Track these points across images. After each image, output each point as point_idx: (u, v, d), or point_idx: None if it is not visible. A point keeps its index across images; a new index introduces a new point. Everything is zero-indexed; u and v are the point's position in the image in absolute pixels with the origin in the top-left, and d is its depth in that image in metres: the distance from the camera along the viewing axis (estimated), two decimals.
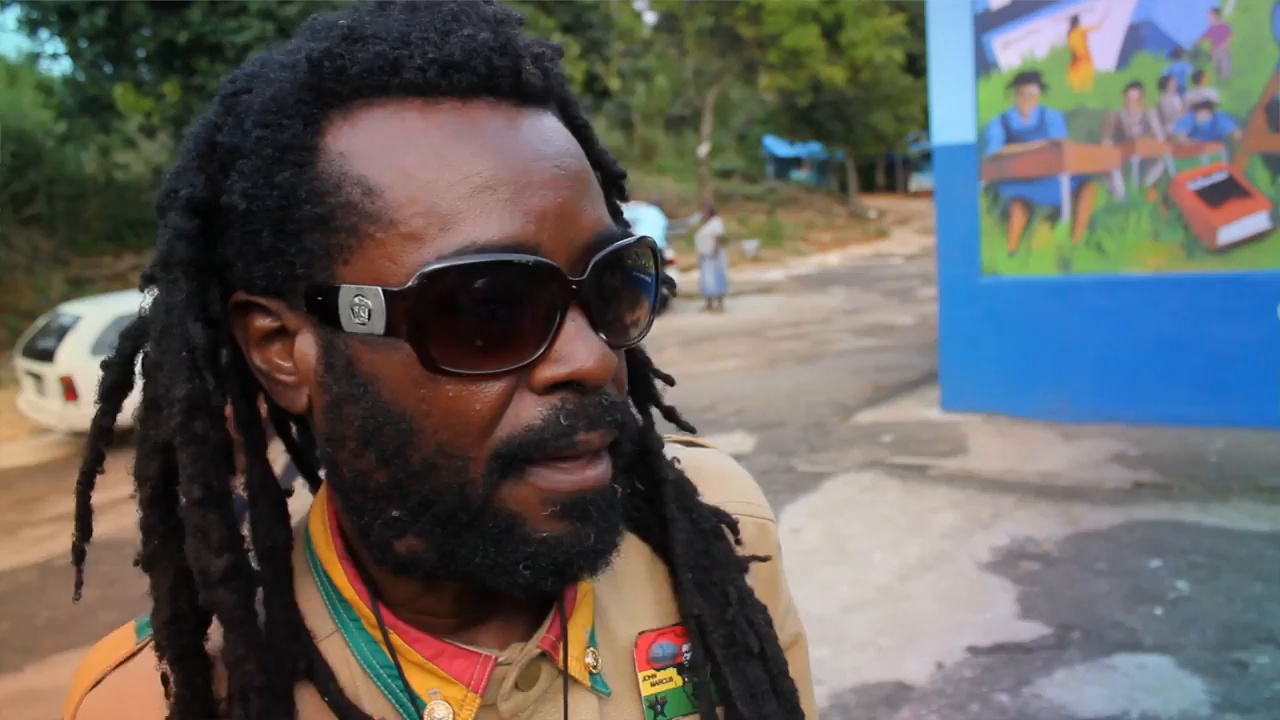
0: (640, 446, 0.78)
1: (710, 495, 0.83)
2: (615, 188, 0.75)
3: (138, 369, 0.68)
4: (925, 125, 8.67)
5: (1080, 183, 7.99)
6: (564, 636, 0.72)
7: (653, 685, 0.76)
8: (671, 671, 0.77)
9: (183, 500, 0.63)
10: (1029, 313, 8.18)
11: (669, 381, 0.83)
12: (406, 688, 0.68)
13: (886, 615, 5.02)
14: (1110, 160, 7.86)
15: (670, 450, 0.83)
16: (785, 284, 23.81)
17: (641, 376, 0.82)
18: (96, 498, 0.73)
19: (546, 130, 0.63)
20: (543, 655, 0.71)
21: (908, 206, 44.41)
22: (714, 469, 0.87)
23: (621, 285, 0.64)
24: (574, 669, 0.73)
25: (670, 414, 0.82)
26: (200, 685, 0.66)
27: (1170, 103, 7.58)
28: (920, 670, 4.46)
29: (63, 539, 7.97)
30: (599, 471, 0.62)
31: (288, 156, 0.61)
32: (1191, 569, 5.19)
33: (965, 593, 5.18)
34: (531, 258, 0.58)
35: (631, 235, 0.65)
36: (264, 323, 0.65)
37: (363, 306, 0.59)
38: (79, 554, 0.70)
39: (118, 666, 0.71)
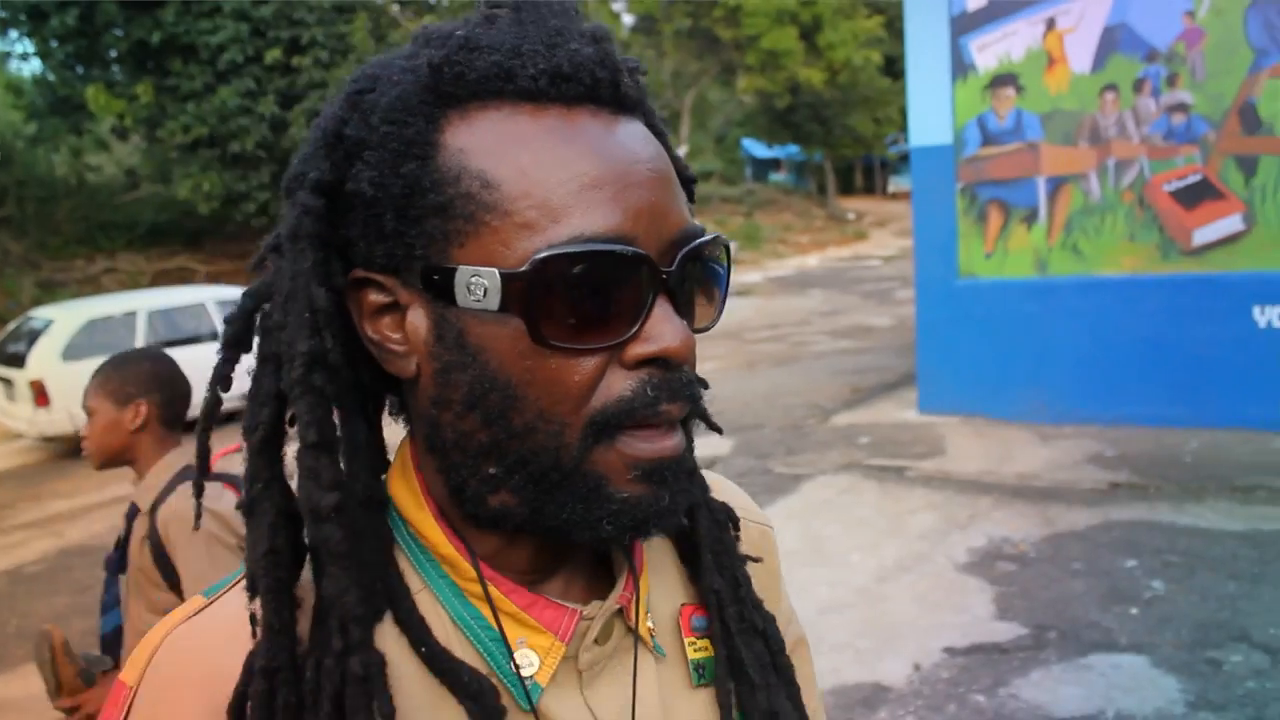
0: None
1: (723, 498, 0.93)
2: (687, 191, 0.80)
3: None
4: (903, 127, 8.72)
5: (1056, 184, 8.03)
6: (637, 597, 0.80)
7: (695, 651, 0.85)
8: (706, 641, 0.85)
9: (298, 444, 0.69)
10: (1006, 314, 8.21)
11: (703, 384, 0.87)
12: (501, 636, 0.74)
13: (864, 617, 5.02)
14: (1086, 162, 7.90)
15: None
16: (763, 286, 23.85)
17: None
18: (65, 505, 0.74)
19: (639, 136, 0.72)
20: (617, 613, 0.79)
21: (886, 208, 44.60)
22: (713, 479, 0.96)
23: (701, 276, 0.73)
24: (644, 634, 0.81)
25: (702, 414, 0.85)
26: (288, 619, 0.69)
27: (1145, 105, 7.62)
28: (897, 671, 4.46)
29: (34, 545, 7.89)
30: (675, 442, 0.70)
31: (412, 150, 0.69)
32: (1167, 568, 5.21)
33: (942, 594, 5.18)
34: (630, 249, 0.67)
35: (709, 233, 0.73)
36: (378, 298, 0.72)
37: (479, 285, 0.67)
38: (199, 489, 0.80)
39: (190, 618, 0.74)
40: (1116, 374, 7.79)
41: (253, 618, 0.70)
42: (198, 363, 8.97)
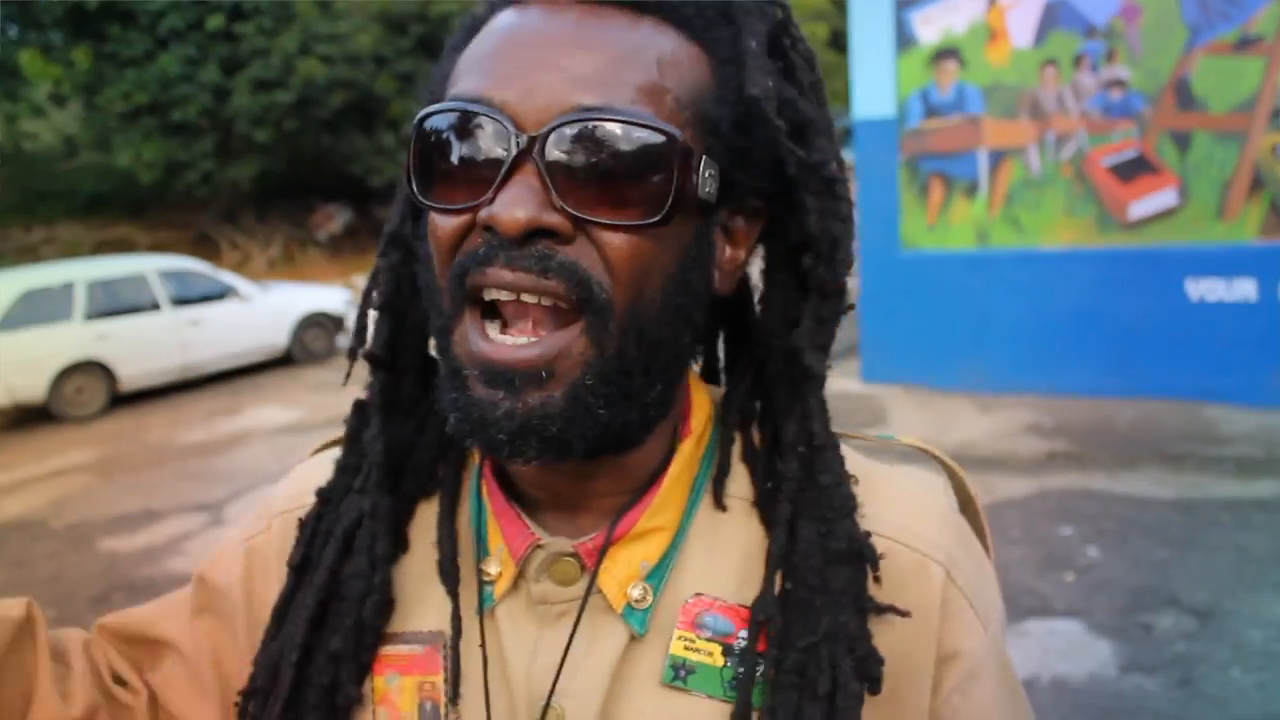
0: (774, 434, 0.79)
1: (875, 516, 0.77)
2: (755, 114, 0.72)
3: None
4: (848, 100, 8.70)
5: (998, 158, 8.12)
6: (604, 551, 0.75)
7: (685, 648, 0.74)
8: (715, 647, 0.74)
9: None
10: (947, 286, 8.31)
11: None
12: (481, 535, 0.79)
13: None
14: (1026, 136, 7.99)
15: (850, 455, 0.80)
16: None
17: (795, 360, 0.77)
18: (1, 479, 0.78)
19: (605, 29, 0.69)
20: (577, 558, 0.76)
21: None
22: (898, 488, 0.82)
23: (612, 166, 0.66)
24: (610, 591, 0.75)
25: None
26: (355, 462, 0.86)
27: (1084, 80, 7.72)
28: None
29: None
30: (525, 354, 0.66)
31: (450, 56, 0.77)
32: (1101, 536, 5.34)
33: None
34: (480, 107, 0.67)
35: (633, 122, 0.66)
36: None
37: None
38: (353, 354, 0.85)
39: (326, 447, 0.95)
40: (1055, 345, 7.93)
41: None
42: (139, 334, 8.92)
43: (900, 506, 0.80)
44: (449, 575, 0.78)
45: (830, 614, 0.71)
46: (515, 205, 0.65)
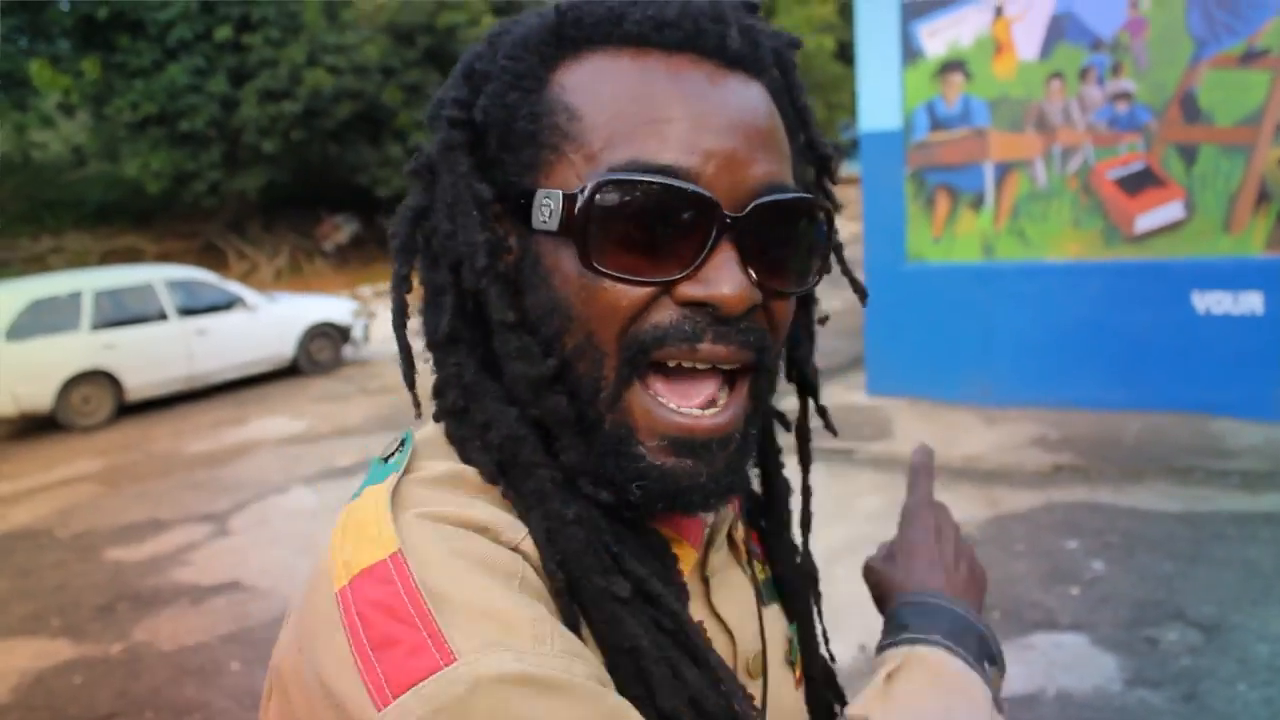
0: (800, 429, 1.00)
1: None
2: (823, 168, 0.84)
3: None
4: (855, 113, 8.75)
5: (1004, 170, 8.12)
6: (741, 510, 0.87)
7: (761, 573, 0.92)
8: (760, 564, 0.92)
9: (497, 326, 0.72)
10: (953, 298, 8.31)
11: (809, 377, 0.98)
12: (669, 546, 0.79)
13: None
14: (1033, 149, 8.00)
15: None
16: None
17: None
18: (9, 488, 0.75)
19: (740, 90, 0.72)
20: (732, 523, 0.85)
21: (837, 193, 44.68)
22: None
23: (786, 235, 0.72)
24: (738, 541, 0.88)
25: (821, 412, 0.96)
26: (567, 484, 0.70)
27: (1090, 93, 7.73)
28: (844, 653, 4.52)
29: None
30: (720, 421, 0.69)
31: (521, 83, 0.73)
32: (1107, 549, 5.32)
33: None
34: (689, 185, 0.67)
35: (808, 197, 0.73)
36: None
37: (546, 208, 0.69)
38: (409, 381, 0.81)
39: (408, 483, 0.70)
40: (1060, 358, 7.92)
41: (504, 491, 0.70)
42: (146, 343, 8.94)
43: None
44: (672, 566, 0.75)
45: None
46: (734, 284, 0.67)
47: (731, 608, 0.82)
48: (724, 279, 0.67)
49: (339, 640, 0.59)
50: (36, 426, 11.17)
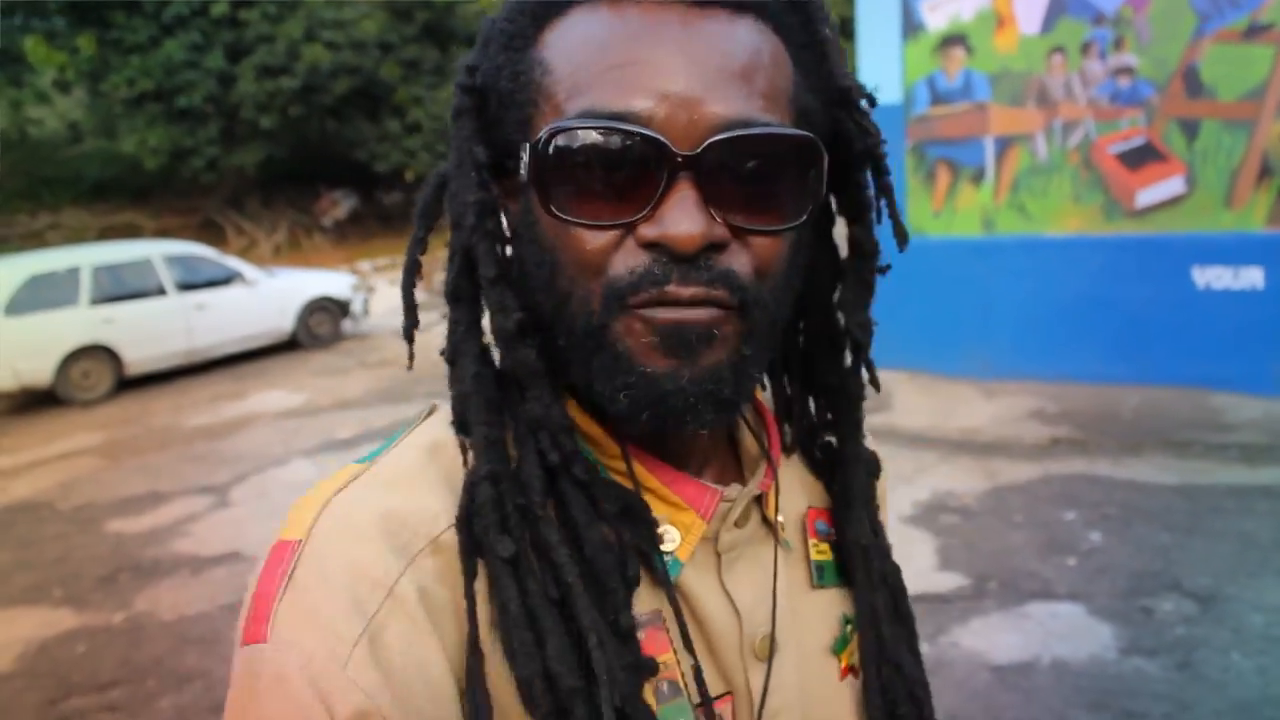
0: (841, 389, 0.91)
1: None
2: (843, 101, 0.80)
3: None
4: None
5: (1004, 145, 8.11)
6: (776, 485, 0.84)
7: (817, 552, 0.89)
8: (826, 546, 0.90)
9: (482, 285, 0.75)
10: (953, 272, 8.30)
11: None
12: (648, 510, 0.76)
13: None
14: (1033, 123, 7.98)
15: None
16: None
17: (840, 326, 0.90)
18: (9, 461, 0.76)
19: (717, 30, 0.70)
20: (755, 500, 0.83)
21: None
22: None
23: (761, 173, 0.70)
24: (775, 523, 0.85)
25: (867, 365, 0.91)
26: (499, 435, 0.73)
27: (1092, 68, 7.70)
28: None
29: None
30: (700, 314, 0.68)
31: (512, 43, 0.74)
32: (1104, 520, 5.34)
33: None
34: (635, 127, 0.67)
35: (782, 132, 0.71)
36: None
37: (522, 162, 0.71)
38: (409, 335, 0.81)
39: (354, 479, 0.75)
40: (1059, 332, 7.93)
41: (462, 446, 0.75)
42: (145, 318, 8.96)
43: None
44: (649, 534, 0.75)
45: (875, 520, 0.93)
46: (687, 223, 0.67)
47: (746, 587, 0.81)
48: (677, 219, 0.67)
49: (252, 577, 0.70)
50: (36, 401, 11.18)
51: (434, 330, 0.87)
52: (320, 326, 13.39)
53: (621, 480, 0.76)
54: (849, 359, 0.90)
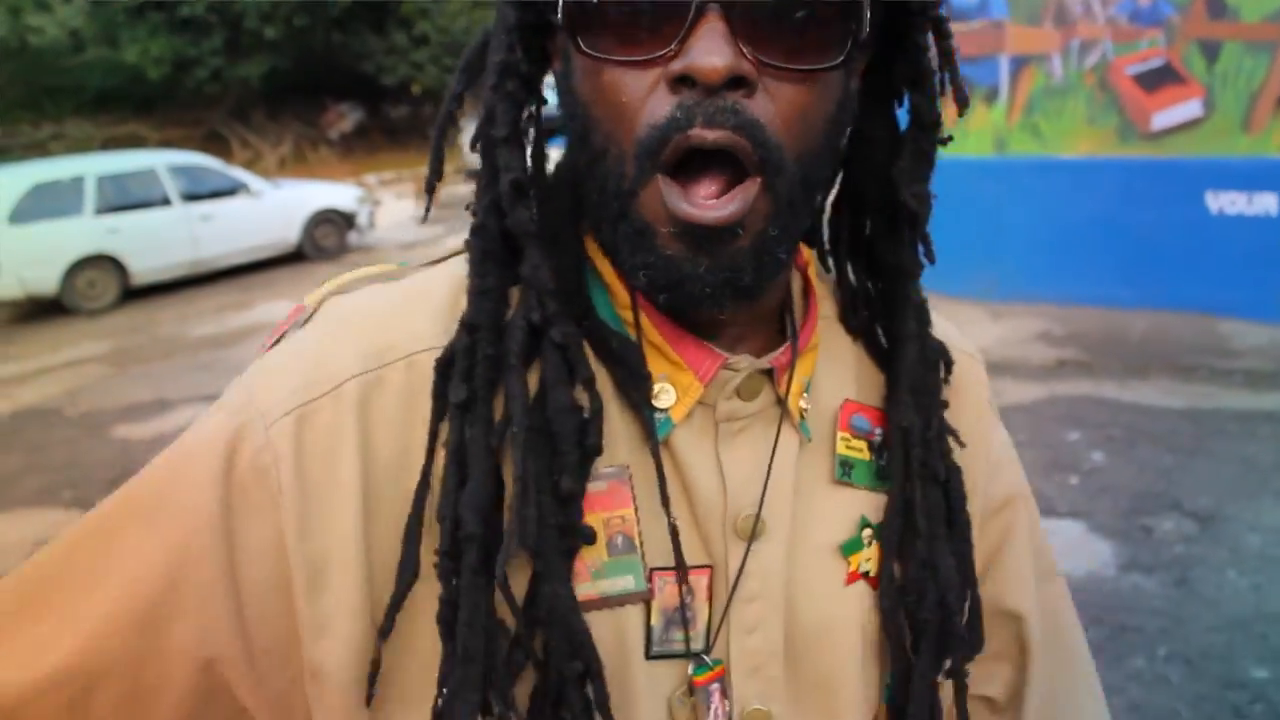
0: (897, 267, 0.84)
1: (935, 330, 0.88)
2: None
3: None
4: None
5: (1019, 64, 7.98)
6: (793, 364, 0.80)
7: (847, 447, 0.83)
8: (863, 444, 0.84)
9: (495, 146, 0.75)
10: (963, 193, 8.18)
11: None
12: (643, 363, 0.76)
13: None
14: (1050, 43, 7.84)
15: None
16: None
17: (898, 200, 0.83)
18: (16, 368, 0.76)
19: None
20: (768, 375, 0.79)
21: None
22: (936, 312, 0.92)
23: (790, 10, 0.68)
24: (792, 404, 0.80)
25: (922, 239, 0.84)
26: (492, 284, 0.74)
27: None
28: None
29: None
30: (723, 214, 0.67)
31: None
32: (1108, 441, 5.36)
33: None
34: None
35: None
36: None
37: (558, 7, 0.70)
38: (431, 187, 0.81)
39: (380, 278, 0.82)
40: (1069, 255, 7.88)
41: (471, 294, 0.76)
42: (150, 228, 8.93)
43: (942, 325, 0.92)
44: (640, 390, 0.76)
45: (935, 413, 0.84)
46: (713, 54, 0.65)
47: (742, 463, 0.78)
48: (703, 49, 0.65)
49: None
50: (43, 310, 11.19)
51: (442, 244, 0.87)
52: (326, 239, 13.34)
53: (631, 330, 0.77)
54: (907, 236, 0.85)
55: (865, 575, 0.82)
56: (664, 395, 0.76)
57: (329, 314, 0.78)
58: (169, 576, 0.71)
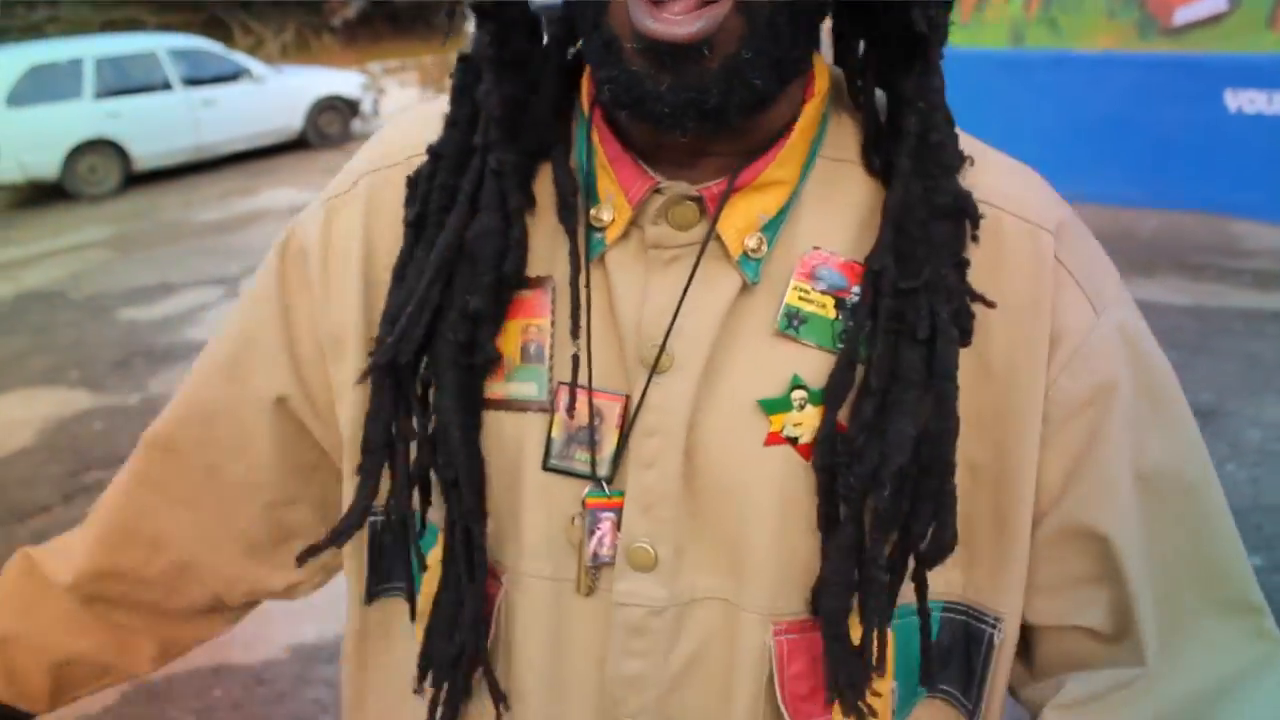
0: (899, 99, 0.75)
1: (986, 186, 0.77)
2: None
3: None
4: None
5: None
6: (726, 194, 0.74)
7: (800, 298, 0.75)
8: (828, 300, 0.75)
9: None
10: (976, 86, 8.03)
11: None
12: (591, 183, 0.78)
13: None
14: None
15: (961, 135, 0.78)
16: None
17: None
18: (20, 252, 0.77)
19: None
20: (699, 202, 0.75)
21: None
22: (1009, 165, 0.82)
23: None
24: (729, 238, 0.75)
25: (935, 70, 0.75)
26: (464, 116, 0.79)
27: None
28: None
29: None
30: (686, 30, 0.63)
31: None
32: None
33: None
34: None
35: None
36: None
37: None
38: (451, 10, 0.83)
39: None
40: (1083, 152, 7.75)
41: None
42: (151, 113, 8.82)
43: (1011, 180, 0.80)
44: (569, 209, 0.76)
45: (931, 264, 0.72)
46: None
47: (662, 292, 0.75)
48: None
49: None
50: (45, 195, 11.11)
51: None
52: (330, 125, 13.18)
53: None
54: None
55: (793, 441, 0.74)
56: (605, 215, 0.77)
57: (376, 135, 0.91)
58: (246, 336, 0.91)
